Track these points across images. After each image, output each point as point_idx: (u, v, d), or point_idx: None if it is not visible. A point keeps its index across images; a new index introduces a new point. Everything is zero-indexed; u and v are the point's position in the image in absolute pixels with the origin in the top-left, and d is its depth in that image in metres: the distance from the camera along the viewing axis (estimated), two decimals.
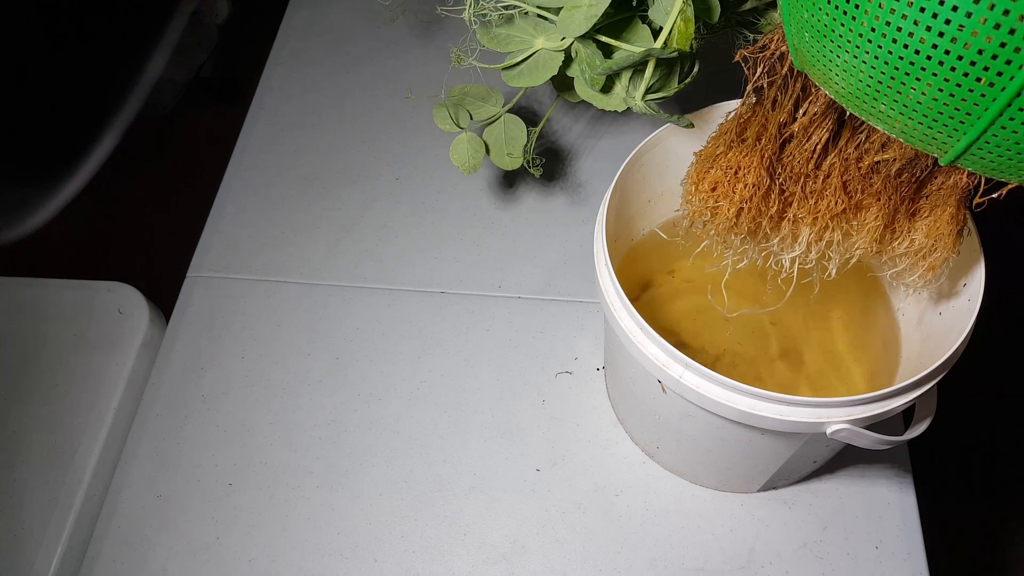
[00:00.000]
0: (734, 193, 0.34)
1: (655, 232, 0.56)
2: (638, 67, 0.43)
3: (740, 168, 0.34)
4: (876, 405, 0.39)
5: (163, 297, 0.71)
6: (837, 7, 0.27)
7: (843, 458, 0.56)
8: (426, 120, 0.76)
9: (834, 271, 0.36)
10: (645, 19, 0.44)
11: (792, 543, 0.54)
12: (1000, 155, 0.26)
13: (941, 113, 0.26)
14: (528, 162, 0.57)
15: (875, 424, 0.40)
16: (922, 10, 0.24)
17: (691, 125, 0.42)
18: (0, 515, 0.60)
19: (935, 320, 0.46)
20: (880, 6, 0.25)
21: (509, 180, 0.72)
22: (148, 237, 1.29)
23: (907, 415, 0.45)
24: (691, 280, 0.56)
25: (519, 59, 0.47)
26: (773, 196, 0.35)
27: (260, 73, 0.83)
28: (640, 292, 0.55)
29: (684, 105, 0.49)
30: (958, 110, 0.25)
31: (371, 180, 0.74)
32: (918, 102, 0.26)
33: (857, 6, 0.26)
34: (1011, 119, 0.24)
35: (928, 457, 0.64)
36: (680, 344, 0.40)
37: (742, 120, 0.36)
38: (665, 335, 0.40)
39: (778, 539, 0.54)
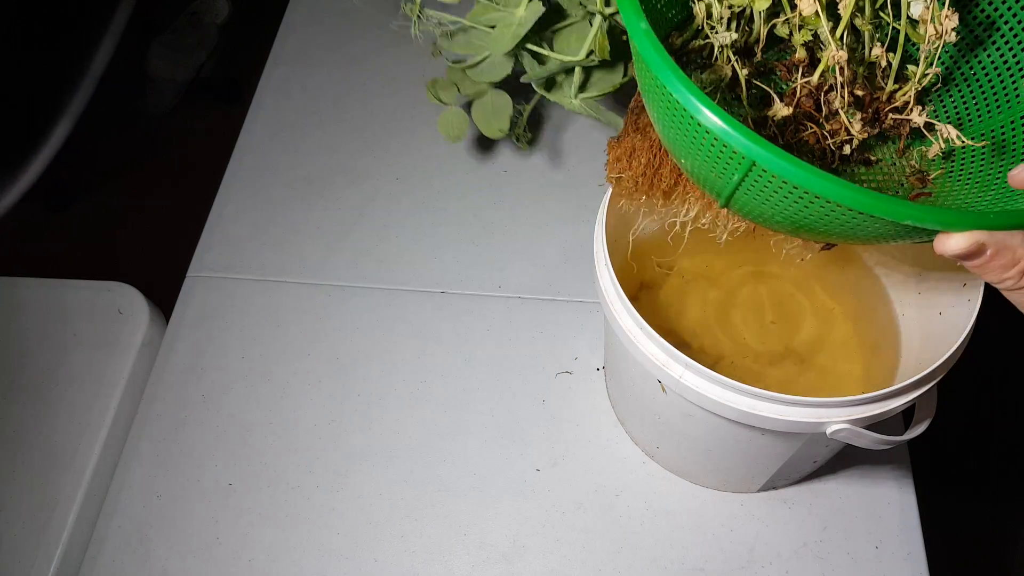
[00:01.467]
0: (631, 169, 0.42)
1: (655, 231, 0.55)
2: (571, 71, 0.50)
3: (635, 150, 0.42)
4: (876, 405, 0.39)
5: (163, 297, 0.71)
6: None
7: (843, 458, 0.56)
8: (426, 120, 0.76)
9: (724, 237, 0.41)
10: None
11: (792, 543, 0.54)
12: (748, 212, 0.33)
13: (704, 179, 0.33)
14: (517, 136, 0.60)
15: (875, 424, 0.40)
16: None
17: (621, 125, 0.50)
18: (0, 515, 0.60)
19: (935, 320, 0.46)
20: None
21: (510, 180, 0.72)
22: (148, 237, 1.29)
23: (907, 415, 0.45)
24: (692, 280, 0.56)
25: (477, 60, 0.53)
26: (665, 172, 0.42)
27: (260, 73, 0.83)
28: (640, 292, 0.55)
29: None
30: (712, 179, 0.32)
31: (371, 180, 0.74)
32: (690, 169, 0.34)
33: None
34: (744, 194, 0.31)
35: (928, 457, 0.64)
36: (680, 344, 0.40)
37: (635, 113, 0.43)
38: (665, 335, 0.40)
39: (778, 539, 0.54)
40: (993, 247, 0.28)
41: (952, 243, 0.28)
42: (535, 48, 0.51)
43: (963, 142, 0.36)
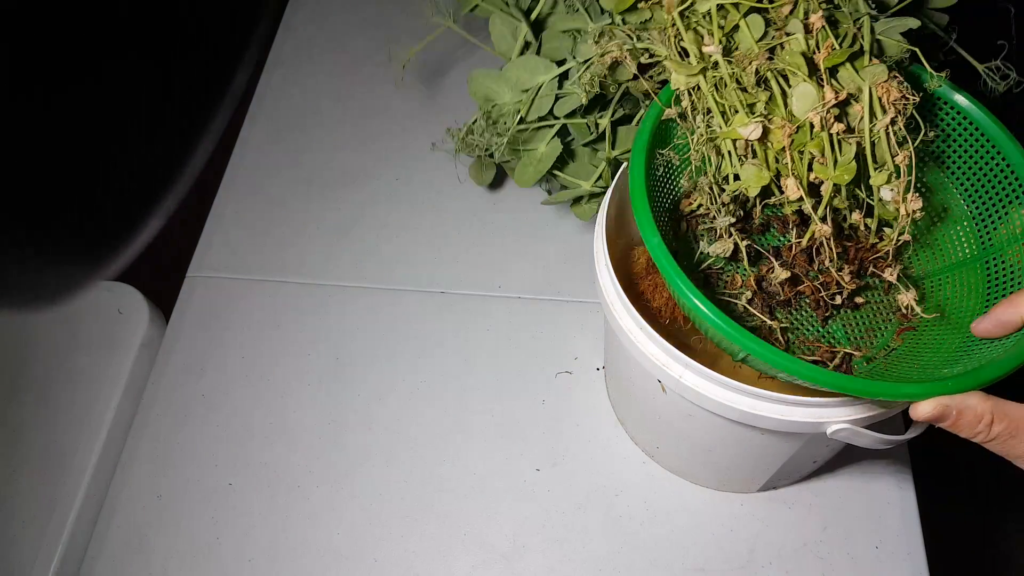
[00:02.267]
0: (654, 301, 0.49)
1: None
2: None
3: (659, 285, 0.49)
4: (876, 405, 0.39)
5: (163, 297, 0.71)
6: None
7: (843, 458, 0.56)
8: (426, 120, 0.76)
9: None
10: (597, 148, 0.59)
11: (792, 543, 0.54)
12: (757, 370, 0.39)
13: (718, 345, 0.39)
14: (549, 191, 0.67)
15: (875, 424, 0.40)
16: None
17: None
18: (0, 515, 0.60)
19: None
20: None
21: (510, 180, 0.72)
22: (148, 237, 1.29)
23: (907, 415, 0.45)
24: None
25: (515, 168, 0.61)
26: None
27: (260, 73, 0.83)
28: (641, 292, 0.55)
29: None
30: (723, 348, 0.38)
31: (371, 180, 0.74)
32: (706, 336, 0.40)
33: None
34: (751, 361, 0.37)
35: (928, 457, 0.64)
36: (680, 344, 0.40)
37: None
38: (665, 335, 0.40)
39: (778, 539, 0.54)
40: (956, 408, 0.34)
41: (922, 410, 0.34)
42: (556, 172, 0.61)
43: (920, 313, 0.42)
